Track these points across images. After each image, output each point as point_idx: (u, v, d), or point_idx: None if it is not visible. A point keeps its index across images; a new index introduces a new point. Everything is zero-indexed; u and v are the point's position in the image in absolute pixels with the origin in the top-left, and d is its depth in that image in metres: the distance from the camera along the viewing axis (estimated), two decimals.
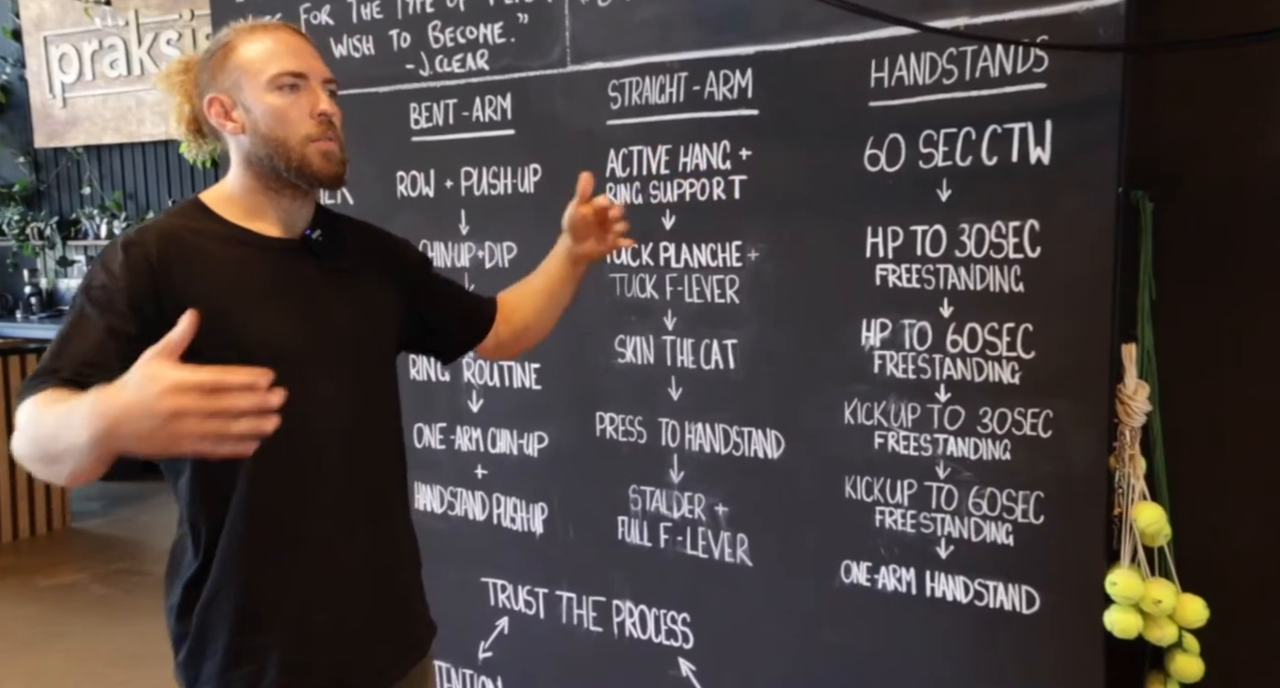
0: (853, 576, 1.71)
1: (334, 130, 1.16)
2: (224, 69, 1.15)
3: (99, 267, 1.08)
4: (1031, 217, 1.51)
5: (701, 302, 1.81)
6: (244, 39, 1.15)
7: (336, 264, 1.21)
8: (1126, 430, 1.51)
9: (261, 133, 1.13)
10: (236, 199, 1.17)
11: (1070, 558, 1.53)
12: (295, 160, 1.13)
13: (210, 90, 1.16)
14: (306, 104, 1.14)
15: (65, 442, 0.87)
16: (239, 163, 1.16)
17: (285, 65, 1.13)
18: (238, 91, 1.14)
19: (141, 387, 0.81)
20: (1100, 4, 1.42)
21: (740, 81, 1.72)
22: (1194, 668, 1.50)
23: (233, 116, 1.14)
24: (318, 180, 1.15)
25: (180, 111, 1.20)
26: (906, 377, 1.63)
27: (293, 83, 1.13)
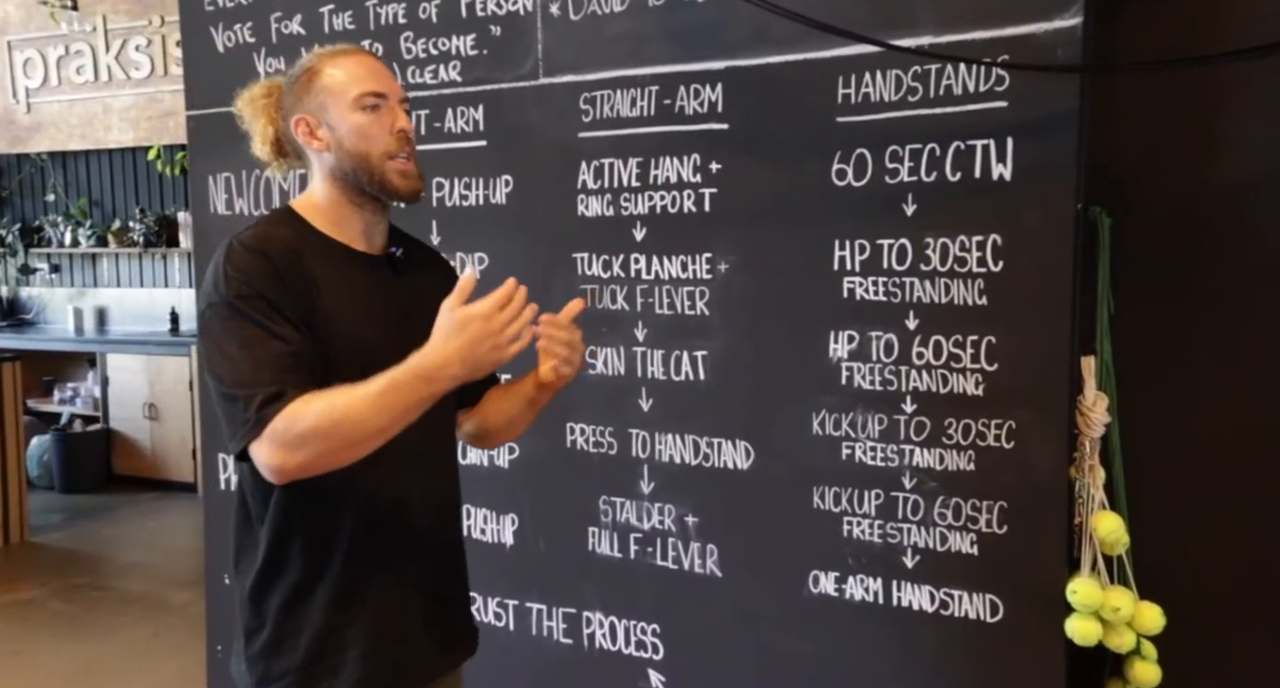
0: (821, 586, 1.73)
1: (410, 147, 1.25)
2: (310, 91, 1.24)
3: (236, 276, 1.14)
4: (994, 231, 1.54)
5: (672, 313, 1.82)
6: (327, 64, 1.25)
7: (413, 279, 1.30)
8: (1086, 441, 1.54)
9: (346, 148, 1.22)
10: (324, 210, 1.26)
11: (1032, 567, 1.56)
12: (378, 176, 1.22)
13: (297, 111, 1.25)
14: (387, 121, 1.23)
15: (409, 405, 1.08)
16: (324, 178, 1.25)
17: (367, 86, 1.23)
18: (323, 112, 1.23)
19: (465, 326, 1.06)
20: (1059, 26, 1.46)
21: (710, 96, 1.75)
22: (1152, 674, 1.53)
23: (318, 135, 1.23)
24: (396, 195, 1.24)
25: (264, 134, 1.29)
26: (873, 388, 1.65)
27: (374, 103, 1.22)
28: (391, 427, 1.09)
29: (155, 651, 3.16)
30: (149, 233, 5.55)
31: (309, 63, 1.26)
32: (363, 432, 1.08)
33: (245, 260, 1.15)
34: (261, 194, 2.22)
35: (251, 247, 1.16)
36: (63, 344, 5.64)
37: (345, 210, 1.25)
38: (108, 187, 5.89)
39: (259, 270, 1.15)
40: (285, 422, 1.07)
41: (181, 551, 4.23)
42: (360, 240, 1.26)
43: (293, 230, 1.23)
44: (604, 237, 1.87)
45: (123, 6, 5.17)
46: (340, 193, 1.24)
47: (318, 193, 1.26)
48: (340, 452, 1.10)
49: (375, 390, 1.07)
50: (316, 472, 1.11)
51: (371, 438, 1.09)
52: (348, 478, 1.15)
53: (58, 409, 5.62)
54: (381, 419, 1.08)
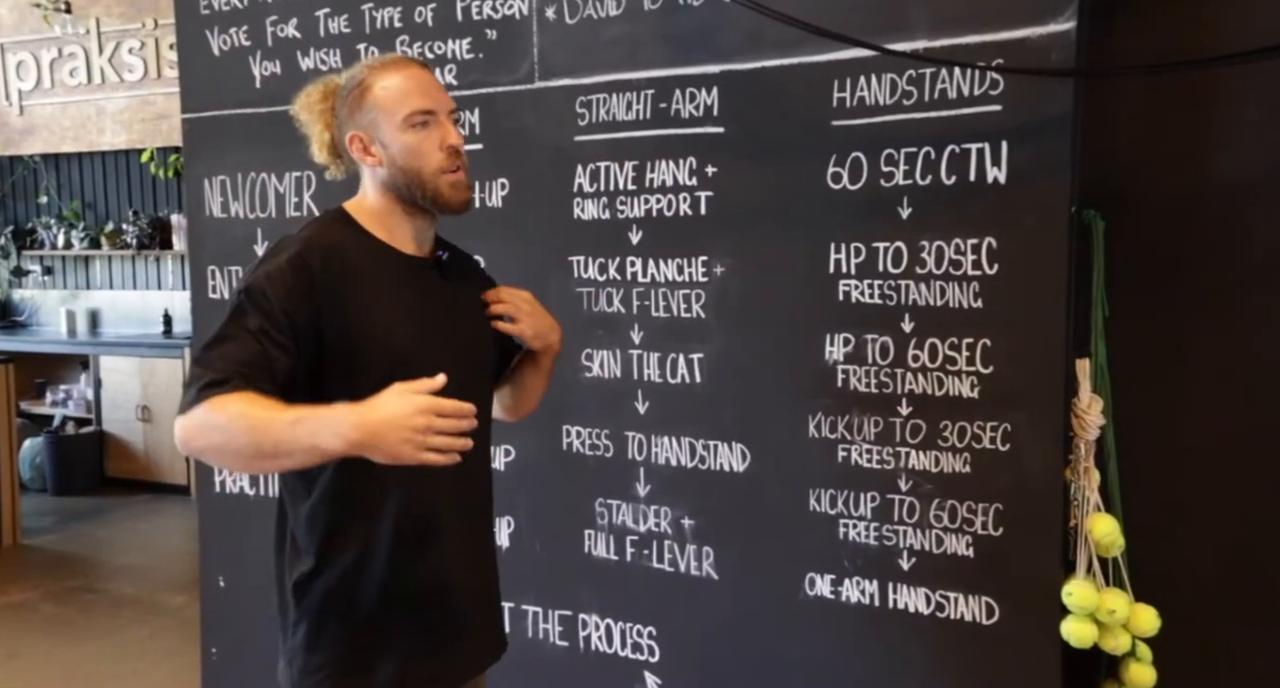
0: (817, 588, 1.73)
1: (461, 159, 1.28)
2: (361, 108, 1.27)
3: (264, 278, 1.18)
4: (989, 234, 1.55)
5: (668, 316, 1.83)
6: (377, 78, 1.27)
7: (458, 285, 1.36)
8: (1081, 444, 1.55)
9: (399, 166, 1.26)
10: (378, 216, 1.30)
11: (1028, 569, 1.56)
12: (430, 191, 1.27)
13: (350, 127, 1.28)
14: (437, 138, 1.26)
15: (302, 443, 1.08)
16: (377, 189, 1.29)
17: (416, 104, 1.26)
18: (375, 129, 1.26)
19: (399, 407, 1.05)
20: (1053, 30, 1.47)
21: (706, 99, 1.75)
22: (1147, 676, 1.54)
23: (371, 152, 1.27)
24: (449, 208, 1.29)
25: (321, 139, 1.32)
26: (869, 391, 1.66)
27: (424, 120, 1.26)
28: (272, 458, 1.10)
29: (149, 653, 3.15)
30: (142, 235, 5.53)
31: (360, 76, 1.29)
32: (251, 451, 1.10)
33: (277, 268, 1.19)
34: (257, 197, 2.22)
35: (293, 255, 1.20)
36: (55, 347, 5.62)
37: (397, 219, 1.29)
38: (101, 189, 5.88)
39: (281, 281, 1.18)
40: (212, 408, 1.10)
41: (175, 553, 4.21)
42: (411, 245, 1.31)
43: (342, 234, 1.27)
44: (600, 240, 1.87)
45: (116, 9, 5.16)
46: (393, 203, 1.29)
47: (370, 200, 1.31)
48: (229, 458, 1.15)
49: (288, 417, 1.09)
50: (209, 463, 1.17)
51: (257, 461, 1.12)
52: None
53: (50, 411, 5.60)
54: (270, 447, 1.08)
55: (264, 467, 1.17)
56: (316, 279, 1.20)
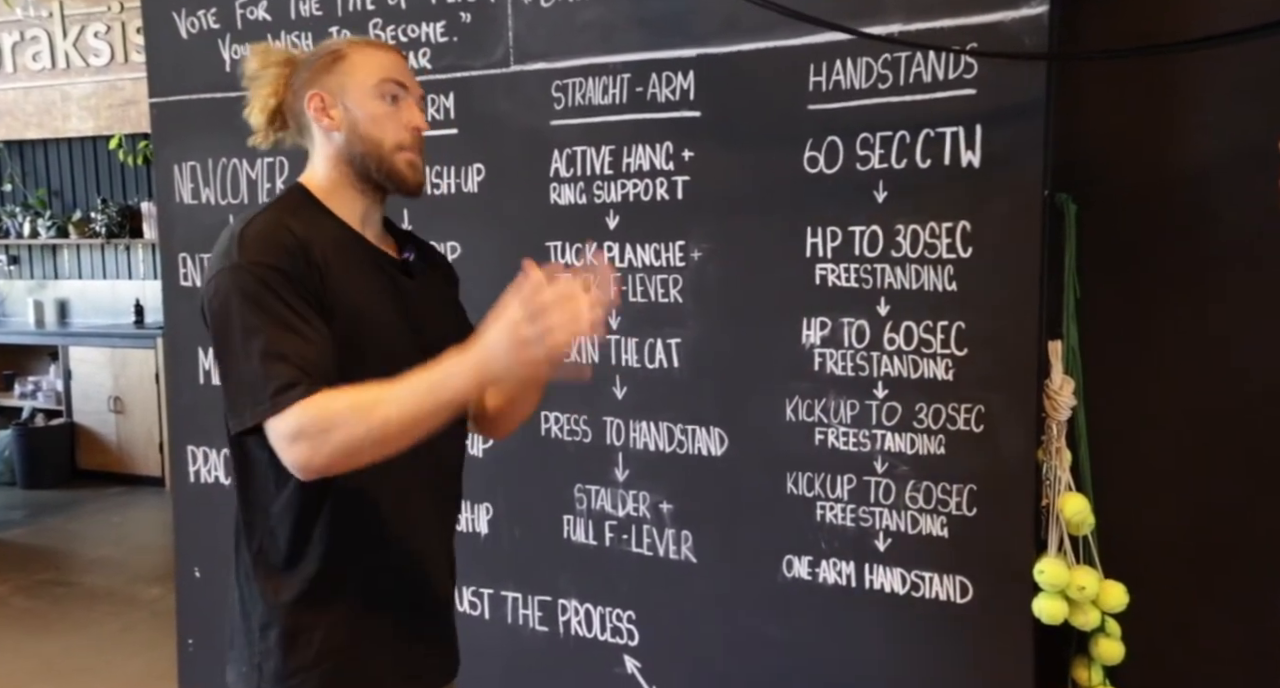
0: (795, 570, 1.74)
1: (421, 144, 1.24)
2: (331, 71, 1.22)
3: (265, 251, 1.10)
4: (963, 218, 1.56)
5: (645, 301, 1.83)
6: (356, 50, 1.23)
7: (424, 282, 1.29)
8: (1053, 424, 1.57)
9: (359, 132, 1.20)
10: (327, 192, 1.23)
11: (1001, 548, 1.59)
12: (387, 165, 1.21)
13: (312, 87, 1.22)
14: (404, 116, 1.22)
15: (453, 396, 1.03)
16: (328, 158, 1.23)
17: (391, 73, 1.22)
18: (342, 92, 1.21)
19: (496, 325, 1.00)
20: (1025, 14, 1.48)
21: (682, 83, 1.75)
22: (1115, 651, 1.57)
23: (331, 113, 1.21)
24: (403, 185, 1.23)
25: (265, 102, 1.25)
26: (846, 374, 1.67)
27: (395, 92, 1.21)
28: (420, 424, 1.05)
29: (124, 646, 3.12)
30: (111, 224, 5.44)
31: (335, 46, 1.24)
32: (394, 427, 1.04)
33: (267, 236, 1.12)
34: (229, 183, 2.19)
35: (268, 227, 1.13)
36: (23, 338, 5.52)
37: (346, 193, 1.23)
38: (68, 176, 5.77)
39: (282, 249, 1.11)
40: (316, 416, 1.03)
41: (149, 545, 4.17)
42: (358, 226, 1.24)
43: (314, 215, 1.20)
44: (577, 225, 1.86)
45: None
46: (343, 176, 1.22)
47: (319, 172, 1.24)
48: (368, 447, 1.05)
49: (403, 384, 1.04)
50: (341, 470, 1.08)
51: (400, 434, 1.05)
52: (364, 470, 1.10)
53: (19, 404, 5.51)
54: (409, 412, 1.04)
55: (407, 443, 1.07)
56: (309, 255, 1.12)
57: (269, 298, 1.08)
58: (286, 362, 1.06)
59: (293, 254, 1.11)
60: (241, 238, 1.12)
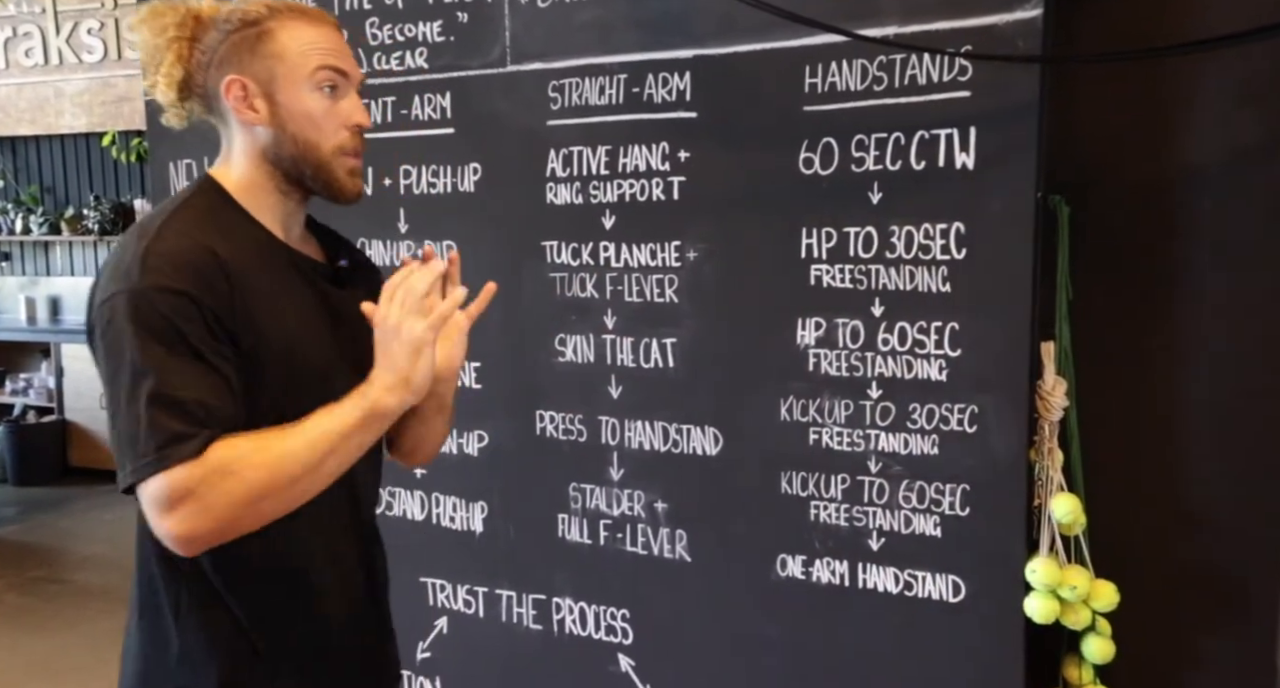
0: (788, 569, 1.75)
1: (362, 145, 1.10)
2: (254, 52, 1.03)
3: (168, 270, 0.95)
4: (957, 219, 1.57)
5: (641, 301, 1.83)
6: (284, 24, 1.04)
7: (353, 291, 1.15)
8: (1045, 425, 1.58)
9: (291, 132, 1.05)
10: (245, 190, 1.07)
11: (993, 548, 1.60)
12: (325, 173, 1.06)
13: (231, 69, 1.04)
14: (345, 111, 1.07)
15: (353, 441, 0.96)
16: (248, 154, 1.06)
17: (329, 62, 1.05)
18: (270, 81, 1.04)
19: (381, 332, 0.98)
20: (1020, 17, 1.49)
21: (679, 84, 1.75)
22: (1106, 650, 1.58)
23: (255, 105, 1.04)
24: (341, 196, 1.09)
25: (170, 73, 1.05)
26: (840, 374, 1.68)
27: (334, 82, 1.06)
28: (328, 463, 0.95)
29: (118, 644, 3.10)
30: (104, 221, 5.43)
31: (254, 15, 1.04)
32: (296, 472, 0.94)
33: (176, 254, 0.96)
34: None
35: (179, 242, 0.97)
36: (15, 334, 5.51)
37: (267, 196, 1.07)
38: (60, 173, 5.75)
39: (193, 271, 0.96)
40: (199, 478, 0.90)
41: None
42: (279, 231, 1.09)
43: (226, 221, 1.04)
44: (573, 224, 1.87)
45: None
46: (266, 176, 1.06)
47: (238, 168, 1.07)
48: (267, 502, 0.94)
49: (307, 422, 0.95)
50: (233, 535, 0.95)
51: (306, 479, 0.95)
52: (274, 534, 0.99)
53: (10, 400, 5.50)
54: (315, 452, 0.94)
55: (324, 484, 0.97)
56: (230, 278, 0.98)
57: (170, 332, 0.93)
58: (181, 410, 0.91)
59: (206, 277, 0.96)
60: (146, 255, 0.96)
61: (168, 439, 0.90)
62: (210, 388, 0.94)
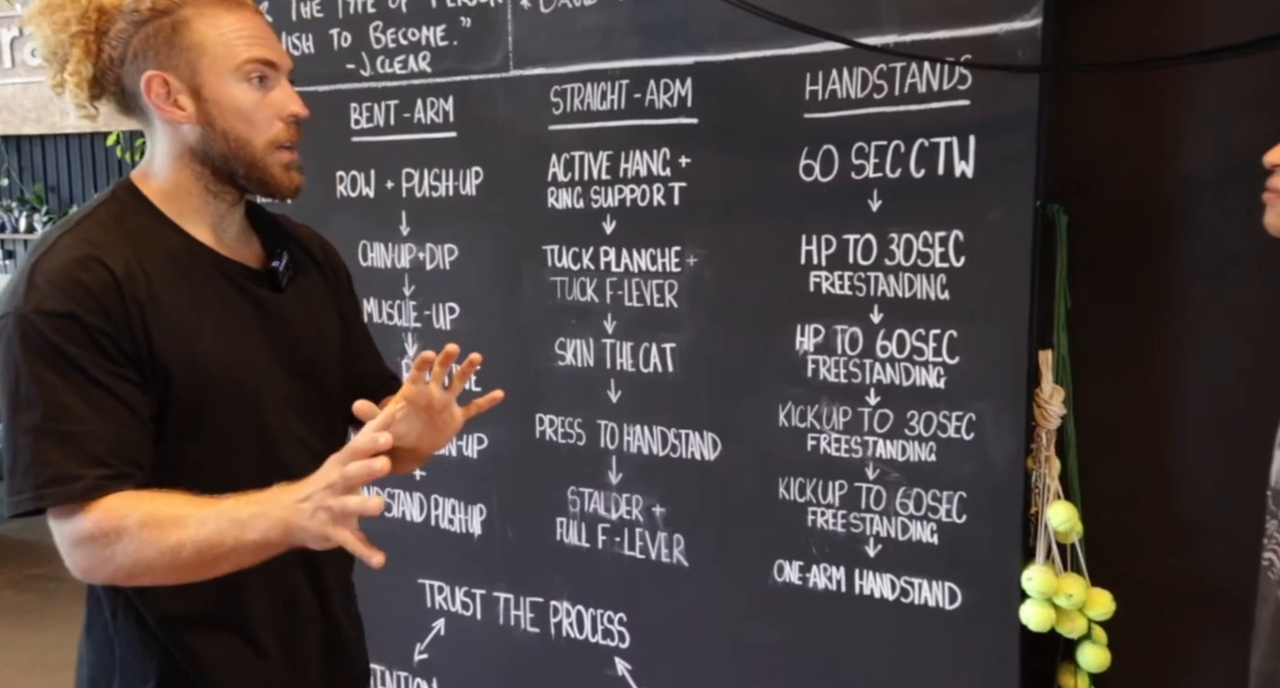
0: (785, 574, 1.76)
1: (297, 136, 1.04)
2: (172, 45, 0.97)
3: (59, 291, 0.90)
4: (956, 227, 1.58)
5: (641, 306, 1.84)
6: (199, 11, 0.98)
7: (298, 290, 1.10)
8: (1043, 433, 1.59)
9: (220, 129, 0.99)
10: (170, 195, 1.02)
11: (990, 555, 1.60)
12: (259, 170, 1.01)
13: (148, 65, 0.98)
14: (277, 102, 1.01)
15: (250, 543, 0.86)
16: (174, 155, 1.01)
17: (256, 52, 0.99)
18: (191, 75, 0.98)
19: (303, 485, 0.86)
20: (1019, 27, 1.50)
21: (680, 90, 1.76)
22: (1102, 658, 1.58)
23: (180, 103, 0.98)
24: (278, 193, 1.03)
25: (79, 70, 0.97)
26: (838, 381, 1.68)
27: (263, 73, 1.00)
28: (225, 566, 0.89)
29: None
30: None
31: (169, 3, 0.97)
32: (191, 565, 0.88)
33: (64, 272, 0.90)
34: None
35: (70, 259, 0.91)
36: None
37: (194, 199, 1.01)
38: (64, 172, 5.78)
39: (82, 291, 0.90)
40: (95, 530, 0.87)
41: None
42: (208, 235, 1.03)
43: (139, 225, 0.98)
44: (574, 229, 1.88)
45: None
46: (193, 178, 1.01)
47: (161, 170, 1.01)
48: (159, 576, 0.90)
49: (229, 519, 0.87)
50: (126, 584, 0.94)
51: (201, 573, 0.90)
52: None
53: None
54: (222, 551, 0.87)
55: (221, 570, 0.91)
56: (123, 293, 0.92)
57: (60, 358, 0.88)
58: (68, 445, 0.87)
59: (94, 295, 0.90)
60: (33, 273, 0.91)
61: (48, 478, 0.87)
62: (103, 418, 0.89)
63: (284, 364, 1.05)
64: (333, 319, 1.16)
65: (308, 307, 1.11)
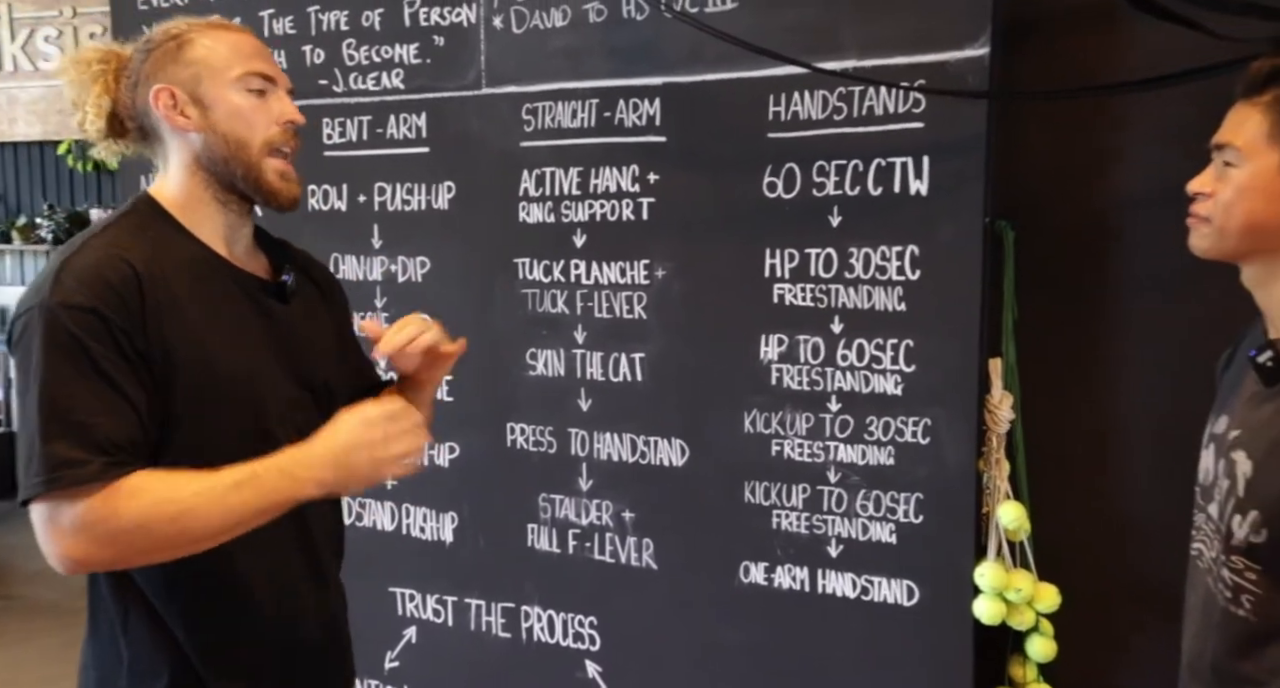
0: (751, 576, 1.82)
1: (296, 143, 1.11)
2: (179, 61, 1.06)
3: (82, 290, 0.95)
4: (912, 243, 1.66)
5: (610, 317, 1.90)
6: (203, 34, 1.08)
7: (303, 305, 1.17)
8: (993, 437, 1.68)
9: (221, 131, 1.06)
10: (184, 206, 1.09)
11: (945, 554, 1.68)
12: (255, 173, 1.07)
13: (157, 80, 1.06)
14: (275, 109, 1.09)
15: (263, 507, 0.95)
16: (184, 165, 1.08)
17: (255, 66, 1.08)
18: (195, 85, 1.06)
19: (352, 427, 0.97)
20: (969, 55, 1.59)
21: (649, 110, 1.83)
22: (1049, 649, 1.67)
23: (185, 111, 1.06)
24: (271, 198, 1.09)
25: (98, 105, 1.08)
26: (801, 388, 1.76)
27: (261, 87, 1.08)
28: (236, 530, 0.96)
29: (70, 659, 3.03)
30: (59, 230, 5.34)
31: (175, 30, 1.08)
32: (200, 532, 0.94)
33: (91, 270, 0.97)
34: None
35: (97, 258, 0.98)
36: None
37: (205, 208, 1.08)
38: (12, 181, 5.65)
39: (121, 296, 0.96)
40: (102, 510, 0.92)
41: None
42: (221, 246, 1.10)
43: (160, 233, 1.05)
44: (545, 242, 1.93)
45: None
46: (202, 186, 1.07)
47: (173, 183, 1.08)
48: (164, 551, 0.96)
49: (228, 483, 0.94)
50: (123, 567, 0.98)
51: (208, 540, 0.95)
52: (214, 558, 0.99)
53: None
54: (227, 520, 0.94)
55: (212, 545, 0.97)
56: (145, 292, 0.98)
57: (76, 351, 0.94)
58: (80, 433, 0.92)
59: (119, 294, 0.96)
60: (61, 270, 0.97)
61: (59, 463, 0.91)
62: (113, 412, 0.94)
63: (288, 371, 1.11)
64: (330, 332, 1.24)
65: (310, 320, 1.19)
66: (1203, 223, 0.99)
